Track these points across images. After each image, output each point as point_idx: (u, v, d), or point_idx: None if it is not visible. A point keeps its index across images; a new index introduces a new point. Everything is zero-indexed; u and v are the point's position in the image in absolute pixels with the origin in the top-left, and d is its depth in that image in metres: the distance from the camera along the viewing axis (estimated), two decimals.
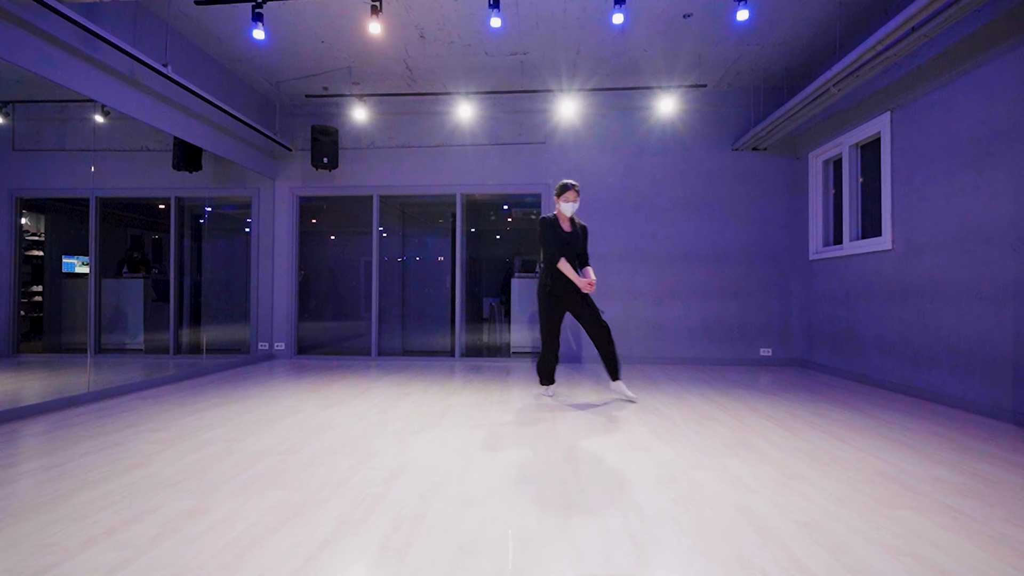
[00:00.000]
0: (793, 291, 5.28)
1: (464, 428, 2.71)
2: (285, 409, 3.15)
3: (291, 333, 5.74)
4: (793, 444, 2.44)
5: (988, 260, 3.07)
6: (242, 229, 6.10)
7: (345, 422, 2.83)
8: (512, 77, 5.00)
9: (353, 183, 5.73)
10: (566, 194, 3.34)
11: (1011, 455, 2.29)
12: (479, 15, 3.95)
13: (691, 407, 3.27)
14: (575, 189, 3.35)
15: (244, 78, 5.12)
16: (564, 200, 3.34)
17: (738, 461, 2.17)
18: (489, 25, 3.69)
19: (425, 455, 2.25)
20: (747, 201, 5.33)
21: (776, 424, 2.83)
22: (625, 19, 3.92)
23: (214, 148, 4.87)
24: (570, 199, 3.33)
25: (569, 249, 3.34)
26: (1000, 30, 2.97)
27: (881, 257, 4.01)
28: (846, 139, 4.45)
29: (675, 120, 5.31)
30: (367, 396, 3.58)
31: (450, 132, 5.58)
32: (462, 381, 4.25)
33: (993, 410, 2.99)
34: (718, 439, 2.52)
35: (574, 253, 3.37)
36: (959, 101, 3.28)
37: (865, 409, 3.22)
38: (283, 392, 3.71)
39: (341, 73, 4.98)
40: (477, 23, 4.07)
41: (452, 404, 3.33)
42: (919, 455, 2.28)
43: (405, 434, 2.59)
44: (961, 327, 3.25)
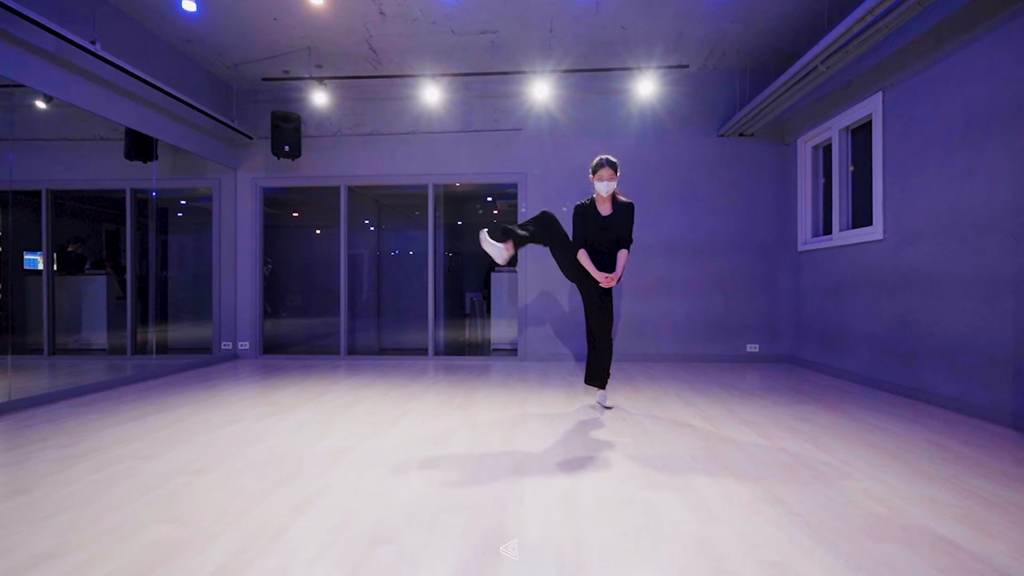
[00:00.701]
0: (781, 284, 5.03)
1: (410, 441, 2.45)
2: (222, 418, 2.88)
3: (256, 331, 5.46)
4: (771, 456, 2.19)
5: (985, 250, 2.82)
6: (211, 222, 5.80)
7: (282, 433, 2.57)
8: (483, 58, 4.71)
9: (319, 173, 5.43)
10: (600, 172, 2.93)
11: (1012, 468, 2.05)
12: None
13: (666, 411, 3.02)
14: (611, 166, 2.92)
15: (198, 60, 4.80)
16: (598, 179, 2.94)
17: (707, 480, 1.93)
18: None
19: (353, 475, 1.99)
20: (733, 190, 5.07)
21: (755, 431, 2.58)
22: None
23: (165, 136, 4.56)
24: (604, 177, 2.92)
25: (601, 235, 2.98)
26: (986, 8, 2.71)
27: (872, 248, 3.76)
28: (836, 123, 4.18)
29: (658, 104, 5.03)
30: (319, 401, 3.31)
31: (421, 119, 5.28)
32: (428, 383, 3.99)
33: (991, 413, 2.76)
34: (689, 450, 2.27)
35: (610, 239, 2.99)
36: (955, 78, 3.02)
37: (852, 412, 2.98)
38: (230, 397, 3.45)
39: (300, 55, 4.66)
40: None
41: (408, 410, 3.07)
42: (909, 469, 2.04)
43: (342, 448, 2.33)
44: (956, 322, 3.01)
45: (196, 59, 4.77)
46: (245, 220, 5.49)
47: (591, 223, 3.00)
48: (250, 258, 5.48)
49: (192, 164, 5.46)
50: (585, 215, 3.01)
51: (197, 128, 4.87)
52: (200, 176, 5.51)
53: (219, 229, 5.46)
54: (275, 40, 4.43)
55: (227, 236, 5.48)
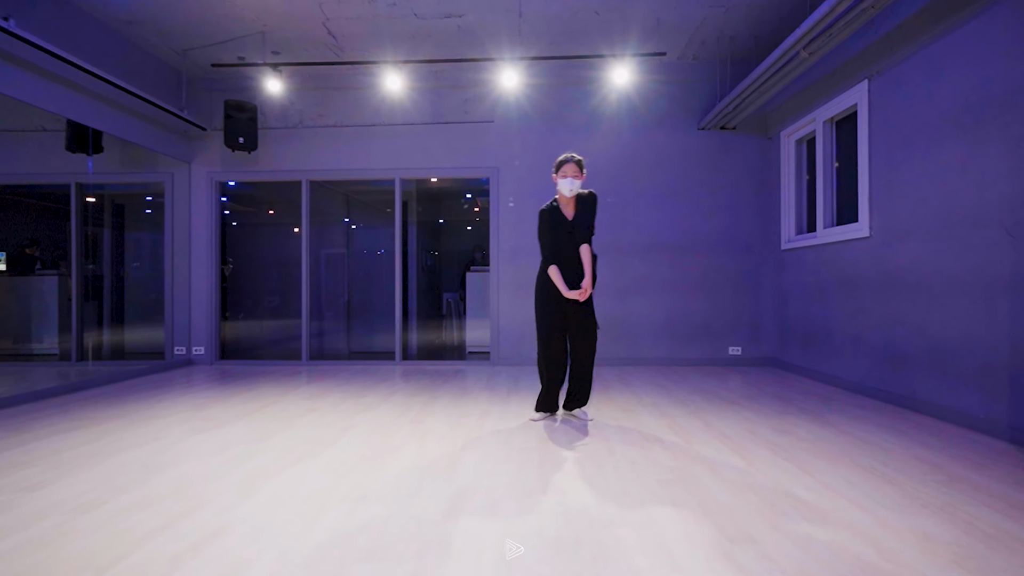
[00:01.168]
0: (765, 284, 4.82)
1: (344, 464, 2.18)
2: (144, 435, 2.58)
3: (212, 335, 5.13)
4: (746, 480, 1.95)
5: (979, 248, 2.61)
6: None
7: (203, 455, 2.27)
8: (450, 45, 4.42)
9: (280, 166, 5.11)
10: (563, 168, 2.67)
11: (1013, 491, 1.83)
12: None
13: (638, 424, 2.77)
14: (576, 162, 2.68)
15: (142, 45, 4.46)
16: (561, 176, 2.68)
17: (671, 513, 1.67)
18: None
19: (265, 508, 1.71)
20: (715, 186, 4.84)
21: (731, 448, 2.34)
22: None
23: (108, 127, 4.22)
24: (568, 173, 2.65)
25: (569, 240, 2.71)
26: None
27: (857, 246, 3.55)
28: (819, 114, 3.97)
29: (635, 95, 4.78)
30: (260, 415, 3.02)
31: (387, 110, 4.98)
32: (387, 392, 3.71)
33: (986, 424, 2.55)
34: (655, 473, 2.02)
35: (572, 244, 2.72)
36: (946, 63, 2.80)
37: (838, 423, 2.75)
38: (164, 410, 3.14)
39: (254, 39, 4.35)
40: None
41: (354, 425, 2.79)
42: (900, 495, 1.80)
43: (263, 473, 2.04)
44: (948, 325, 2.79)
45: (140, 43, 4.43)
46: (200, 216, 5.15)
47: (559, 230, 2.72)
48: (206, 257, 5.15)
49: (143, 157, 5.12)
50: (552, 223, 2.72)
51: (144, 118, 4.53)
52: (151, 170, 5.18)
53: (172, 226, 5.12)
54: (225, 23, 4.11)
55: (181, 234, 5.15)
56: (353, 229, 6.75)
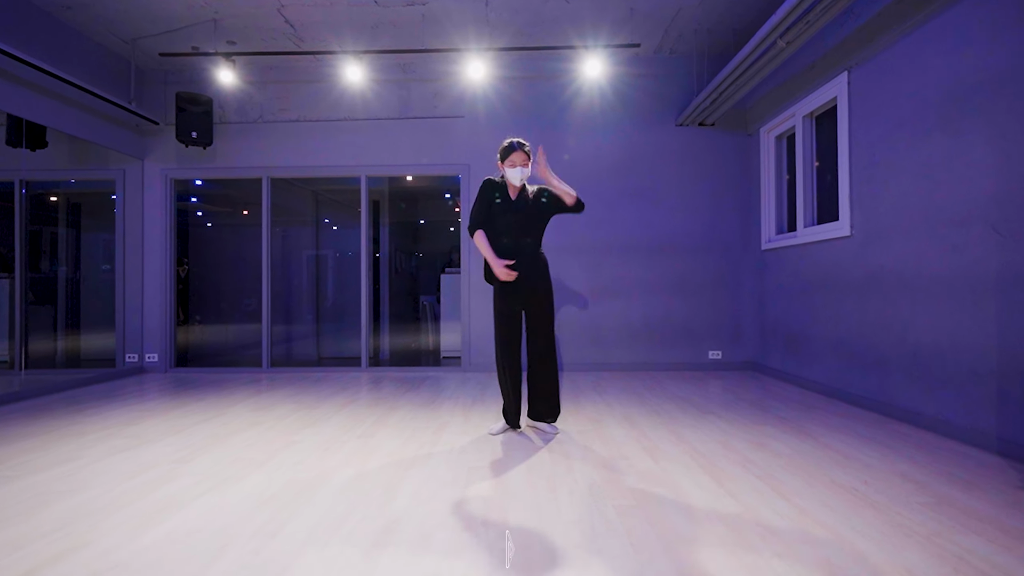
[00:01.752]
0: (745, 285, 4.66)
1: (268, 489, 1.94)
2: (58, 456, 2.32)
3: (166, 341, 4.84)
4: (713, 504, 1.75)
5: (963, 247, 2.45)
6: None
7: (114, 479, 2.03)
8: (414, 34, 4.21)
9: (239, 163, 4.85)
10: (511, 157, 2.48)
11: (1005, 516, 1.65)
12: None
13: (604, 438, 2.57)
14: (524, 150, 2.49)
15: (87, 33, 4.18)
16: (509, 165, 2.49)
17: (622, 547, 1.47)
18: None
19: (160, 546, 1.47)
20: (694, 184, 4.67)
21: (701, 466, 2.14)
22: None
23: (51, 121, 3.95)
24: (517, 163, 2.47)
25: (503, 221, 2.53)
26: None
27: (838, 245, 3.39)
28: (799, 109, 3.81)
29: (609, 90, 4.60)
30: (194, 430, 2.77)
31: (353, 104, 4.75)
32: (344, 401, 3.48)
33: (972, 435, 2.38)
34: (615, 498, 1.82)
35: (518, 228, 2.53)
36: (928, 52, 2.65)
37: (818, 434, 2.57)
38: (92, 425, 2.87)
39: (206, 27, 4.10)
40: None
41: (296, 441, 2.55)
42: (883, 521, 1.62)
43: (173, 501, 1.80)
44: (932, 329, 2.63)
45: (83, 31, 4.15)
46: (154, 215, 4.87)
47: (499, 205, 2.53)
48: (160, 258, 4.86)
49: (93, 152, 4.83)
50: (488, 193, 2.54)
51: (90, 111, 4.25)
52: (101, 167, 4.88)
53: (123, 225, 4.83)
54: (175, 9, 3.85)
55: (133, 234, 4.86)
56: (327, 230, 6.49)
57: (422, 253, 8.80)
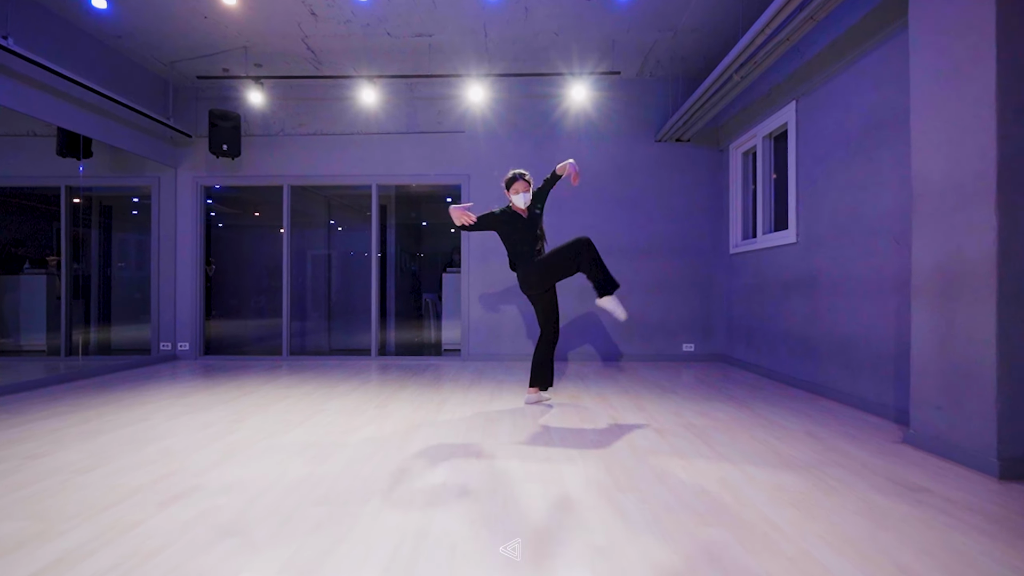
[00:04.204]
0: (715, 285, 5.20)
1: (309, 438, 2.48)
2: (132, 417, 2.86)
3: (196, 332, 5.39)
4: (655, 448, 2.29)
5: (874, 253, 2.99)
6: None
7: (186, 432, 2.56)
8: (421, 61, 4.75)
9: (262, 172, 5.40)
10: (515, 186, 3.07)
11: (872, 457, 2.18)
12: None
13: (578, 409, 3.10)
14: (525, 179, 3.09)
15: (133, 57, 4.73)
16: (513, 193, 3.09)
17: (578, 469, 2.00)
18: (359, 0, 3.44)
19: (239, 469, 2.01)
20: (671, 194, 5.21)
21: (652, 427, 2.68)
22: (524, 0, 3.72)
23: (98, 134, 4.49)
24: (520, 190, 3.07)
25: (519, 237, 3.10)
26: (882, 16, 2.87)
27: (787, 251, 3.93)
28: (760, 130, 4.35)
29: (594, 111, 5.14)
30: (238, 402, 3.31)
31: (364, 120, 5.29)
32: (359, 383, 4.01)
33: (877, 408, 2.92)
34: (581, 446, 2.35)
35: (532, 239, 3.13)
36: (852, 90, 3.19)
37: (756, 407, 3.11)
38: (150, 398, 3.41)
39: (237, 54, 4.64)
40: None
41: (324, 409, 3.09)
42: (777, 459, 2.15)
43: (239, 445, 2.34)
44: (853, 322, 3.17)
45: (129, 55, 4.70)
46: (186, 219, 5.42)
47: (513, 227, 3.10)
48: (191, 257, 5.41)
49: (131, 162, 5.38)
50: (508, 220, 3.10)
51: (132, 125, 4.79)
52: (139, 174, 5.43)
53: (158, 228, 5.38)
54: (209, 39, 4.40)
55: (167, 235, 5.41)
56: (335, 232, 7.04)
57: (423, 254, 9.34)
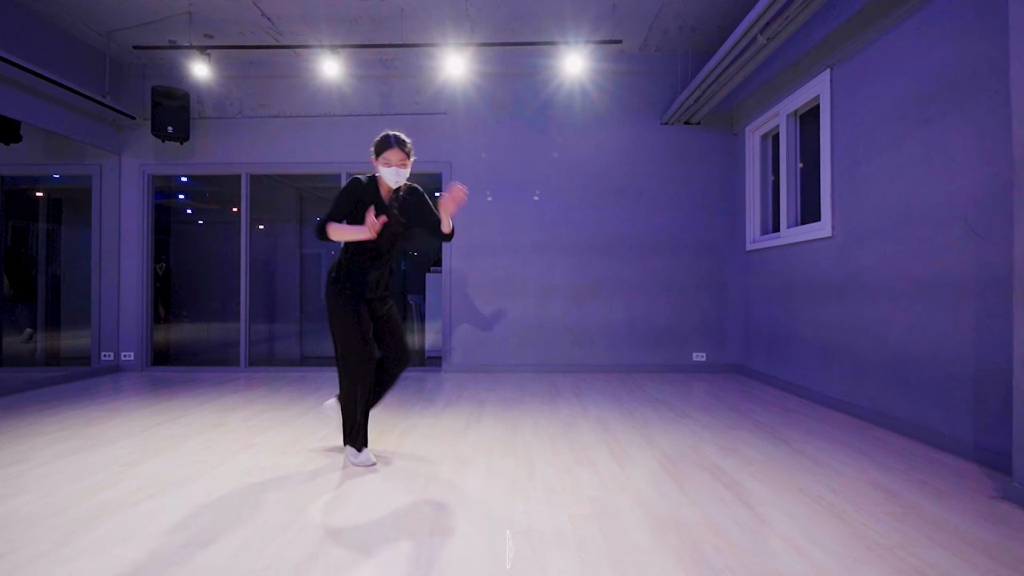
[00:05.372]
0: (729, 286, 4.59)
1: (214, 496, 1.87)
2: (8, 457, 2.25)
3: (143, 340, 4.76)
4: (673, 514, 1.69)
5: (942, 248, 2.38)
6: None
7: (57, 483, 1.95)
8: (393, 29, 4.13)
9: (218, 159, 4.77)
10: (387, 154, 2.08)
11: (973, 526, 1.58)
12: None
13: (573, 441, 2.50)
14: (402, 148, 2.09)
15: (62, 25, 4.10)
16: (383, 163, 2.09)
17: (573, 560, 1.40)
18: None
19: (84, 557, 1.40)
20: (679, 183, 4.61)
21: (668, 471, 2.08)
22: None
23: (22, 115, 3.86)
24: (392, 161, 2.08)
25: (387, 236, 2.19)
26: None
27: (820, 246, 3.32)
28: (783, 107, 3.75)
29: (593, 88, 4.53)
30: (155, 431, 2.69)
31: (334, 100, 4.67)
32: (317, 402, 3.40)
33: (949, 442, 2.32)
34: (569, 505, 1.75)
35: (392, 236, 2.21)
36: (909, 48, 2.58)
37: (793, 440, 2.51)
38: (51, 425, 2.79)
39: (181, 20, 4.02)
40: None
41: (254, 445, 2.47)
42: (847, 532, 1.55)
43: (111, 508, 1.73)
44: (910, 332, 2.57)
45: (56, 22, 4.07)
46: (131, 211, 4.79)
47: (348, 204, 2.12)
48: (137, 255, 4.78)
49: (69, 147, 4.75)
50: (352, 194, 2.12)
51: (63, 104, 4.16)
52: (78, 161, 4.80)
53: (100, 221, 4.75)
54: (147, 1, 3.77)
55: (110, 230, 4.78)
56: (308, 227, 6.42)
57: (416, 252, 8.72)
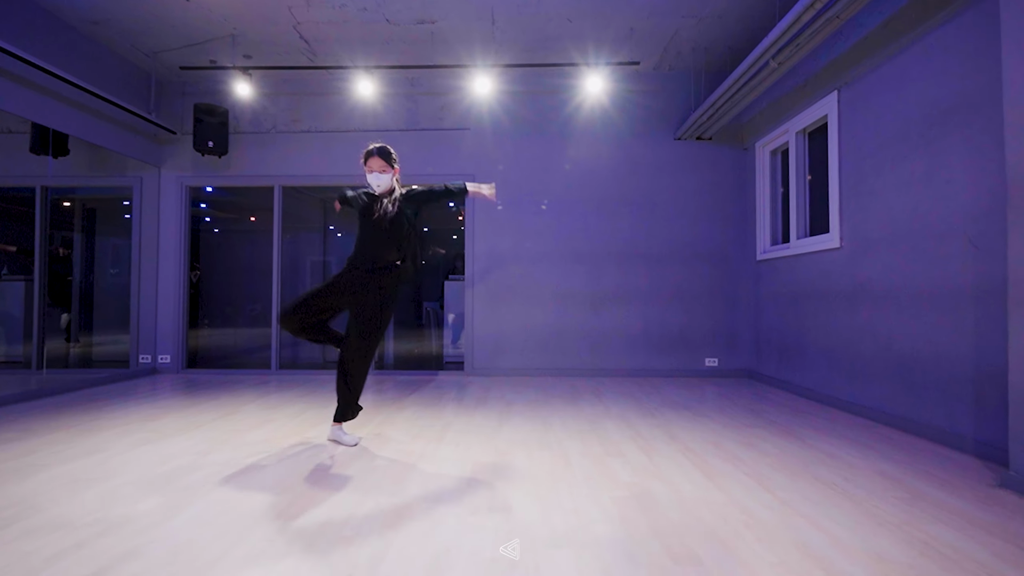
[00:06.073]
0: (741, 295, 4.79)
1: (285, 479, 2.07)
2: (84, 448, 2.45)
3: (179, 343, 4.99)
4: (703, 495, 1.88)
5: (943, 259, 2.58)
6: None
7: (139, 469, 2.16)
8: (423, 51, 4.39)
9: (252, 172, 5.02)
10: (370, 162, 2.42)
11: (974, 509, 1.77)
12: None
13: (601, 436, 2.69)
14: (383, 155, 2.40)
15: (111, 46, 4.38)
16: (368, 170, 2.43)
17: (618, 530, 1.60)
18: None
19: (188, 528, 1.60)
20: (692, 196, 4.83)
21: (692, 461, 2.27)
22: None
23: (72, 129, 4.12)
24: (374, 168, 2.40)
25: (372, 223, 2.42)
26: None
27: (828, 257, 3.52)
28: (792, 125, 3.97)
29: (611, 105, 4.77)
30: (212, 427, 2.90)
31: (362, 116, 4.93)
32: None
33: (952, 438, 2.50)
34: (609, 488, 1.95)
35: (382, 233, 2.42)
36: (910, 73, 2.80)
37: (805, 436, 2.70)
38: (113, 421, 3.00)
39: (224, 43, 4.28)
40: None
41: (309, 439, 2.68)
42: (859, 511, 1.74)
43: (197, 489, 1.93)
44: (915, 338, 2.76)
45: (108, 44, 4.34)
46: (169, 222, 5.04)
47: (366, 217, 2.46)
48: (174, 263, 5.02)
49: (112, 160, 5.01)
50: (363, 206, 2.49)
51: (111, 121, 4.43)
52: (120, 174, 5.06)
53: (139, 231, 5.00)
54: (193, 26, 4.04)
55: (149, 239, 5.02)
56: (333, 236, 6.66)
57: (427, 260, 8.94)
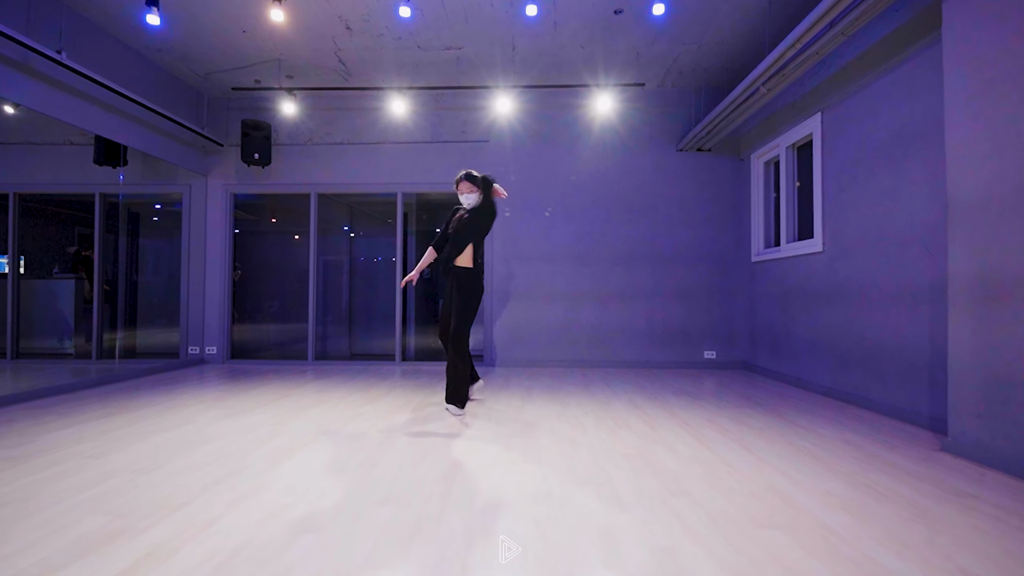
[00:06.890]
0: (737, 293, 5.23)
1: (355, 440, 2.54)
2: (177, 419, 2.93)
3: (224, 336, 5.48)
4: (695, 454, 2.33)
5: (906, 263, 3.02)
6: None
7: (233, 434, 2.63)
8: (450, 73, 4.85)
9: (290, 180, 5.50)
10: (459, 186, 3.24)
11: (913, 464, 2.22)
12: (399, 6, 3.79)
13: (611, 413, 3.15)
14: (470, 179, 3.19)
15: (168, 69, 4.86)
16: (459, 192, 3.25)
17: (629, 475, 2.05)
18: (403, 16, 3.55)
19: (294, 472, 2.07)
20: (692, 202, 5.27)
21: (688, 432, 2.72)
22: (555, 14, 3.82)
23: (134, 143, 4.60)
24: (464, 191, 3.22)
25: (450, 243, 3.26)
26: (914, 29, 2.93)
27: (813, 259, 3.96)
28: (783, 140, 4.41)
29: (618, 121, 5.22)
30: (276, 405, 3.38)
31: (390, 129, 5.40)
32: (389, 387, 4.07)
33: (911, 416, 2.94)
34: (620, 449, 2.40)
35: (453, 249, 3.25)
36: (881, 101, 3.24)
37: (787, 414, 3.14)
38: (188, 401, 3.49)
39: (270, 66, 4.76)
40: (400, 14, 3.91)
41: (362, 414, 3.15)
42: (819, 465, 2.19)
43: (289, 448, 2.40)
44: (883, 330, 3.20)
45: (167, 67, 4.83)
46: (215, 226, 5.53)
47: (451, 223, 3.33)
48: (219, 264, 5.51)
49: (163, 169, 5.50)
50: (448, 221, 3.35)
51: (166, 134, 4.92)
52: (171, 182, 5.55)
53: (188, 234, 5.49)
54: (245, 52, 4.52)
55: (196, 241, 5.52)
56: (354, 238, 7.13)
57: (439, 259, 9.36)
